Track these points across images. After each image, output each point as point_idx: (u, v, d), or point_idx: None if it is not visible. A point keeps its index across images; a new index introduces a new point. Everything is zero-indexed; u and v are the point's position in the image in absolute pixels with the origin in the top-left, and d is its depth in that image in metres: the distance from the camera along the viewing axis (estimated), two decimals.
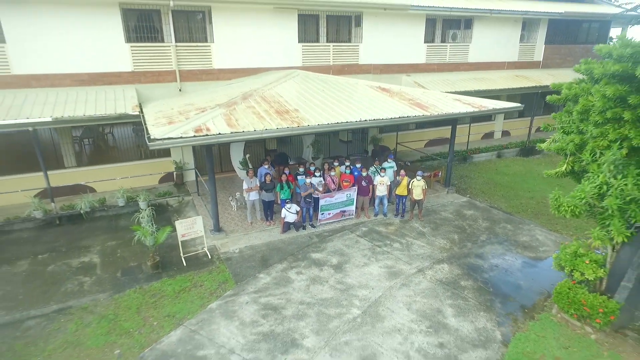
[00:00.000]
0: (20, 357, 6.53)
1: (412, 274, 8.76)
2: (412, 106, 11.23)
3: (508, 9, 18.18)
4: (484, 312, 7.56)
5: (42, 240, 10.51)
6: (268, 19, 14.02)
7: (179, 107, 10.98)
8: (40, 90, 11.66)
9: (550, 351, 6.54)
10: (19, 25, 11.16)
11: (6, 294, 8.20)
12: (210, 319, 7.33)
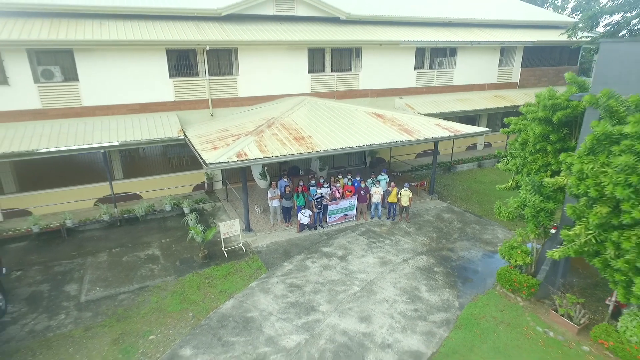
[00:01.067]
0: (125, 318, 9.44)
1: (398, 263, 11.68)
2: (401, 132, 14.16)
3: (487, 39, 21.13)
4: (449, 289, 10.48)
5: (111, 237, 13.42)
6: (283, 55, 16.93)
7: (216, 132, 13.89)
8: (104, 118, 14.56)
9: (490, 313, 9.46)
10: (88, 67, 14.06)
11: (98, 277, 11.11)
12: (252, 293, 10.25)
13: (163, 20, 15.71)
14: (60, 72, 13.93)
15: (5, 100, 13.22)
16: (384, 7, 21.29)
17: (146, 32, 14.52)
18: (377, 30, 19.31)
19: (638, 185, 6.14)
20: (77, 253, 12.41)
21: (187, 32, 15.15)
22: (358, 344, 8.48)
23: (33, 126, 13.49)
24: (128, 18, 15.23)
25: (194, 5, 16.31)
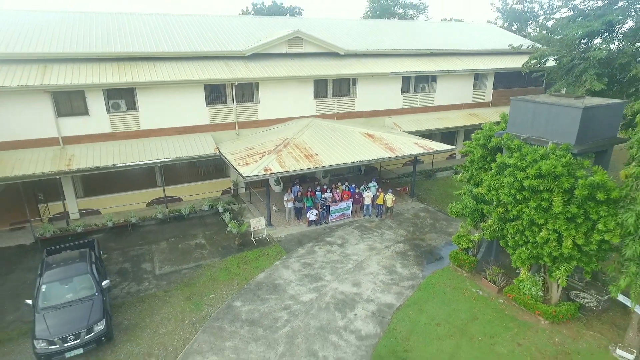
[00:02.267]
0: (190, 285, 13.65)
1: (382, 249, 15.91)
2: (386, 149, 18.39)
3: (463, 68, 25.36)
4: (417, 266, 14.70)
5: (165, 231, 17.65)
6: (294, 85, 21.14)
7: (244, 150, 18.10)
8: (157, 139, 18.76)
9: (442, 281, 13.67)
10: (145, 99, 18.28)
11: (164, 258, 15.33)
12: (276, 268, 14.47)
13: (201, 60, 19.96)
14: (125, 104, 18.15)
15: (86, 126, 17.46)
16: (376, 42, 25.55)
17: (189, 72, 18.77)
18: (370, 62, 23.57)
19: (515, 195, 10.37)
20: (144, 242, 16.65)
21: (220, 71, 19.40)
22: (351, 299, 12.70)
23: (106, 146, 17.72)
24: (174, 60, 19.48)
25: (224, 48, 20.60)
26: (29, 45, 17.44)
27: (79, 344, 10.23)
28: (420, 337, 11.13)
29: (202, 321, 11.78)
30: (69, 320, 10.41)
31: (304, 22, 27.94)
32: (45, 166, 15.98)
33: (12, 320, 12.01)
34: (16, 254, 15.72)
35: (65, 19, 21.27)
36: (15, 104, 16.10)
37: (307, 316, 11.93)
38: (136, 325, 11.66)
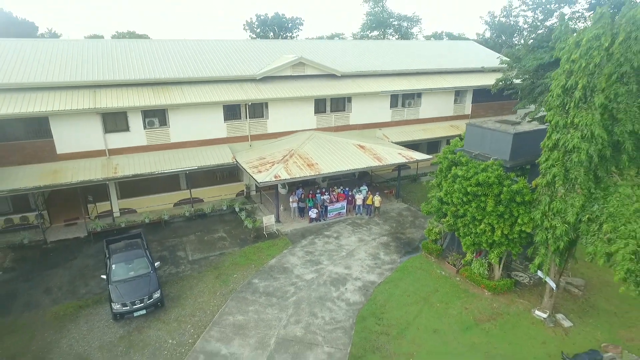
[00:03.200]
0: (217, 268, 17.42)
1: (369, 240, 19.69)
2: (374, 159, 22.17)
3: (444, 86, 29.12)
4: (396, 254, 18.48)
5: (192, 226, 21.43)
6: (298, 103, 24.90)
7: (256, 159, 21.86)
8: (184, 150, 22.53)
9: (415, 265, 17.45)
10: (175, 117, 22.05)
11: (194, 248, 19.12)
12: (284, 255, 18.25)
13: (220, 83, 23.74)
14: (158, 121, 21.94)
15: (127, 140, 21.26)
16: (368, 64, 29.33)
17: (210, 94, 22.56)
18: (363, 82, 27.34)
19: (463, 198, 14.14)
20: (175, 235, 20.45)
21: (236, 93, 23.19)
22: (343, 278, 16.49)
23: (143, 156, 21.51)
24: (199, 83, 23.27)
25: (239, 72, 24.39)
26: (81, 74, 21.25)
27: (142, 306, 14.02)
28: (394, 304, 14.92)
29: (230, 293, 15.57)
30: (135, 289, 14.20)
31: (305, 45, 31.73)
32: (97, 173, 19.76)
33: (84, 292, 15.80)
34: (74, 245, 19.52)
35: (105, 46, 25.04)
36: (73, 123, 19.89)
37: (309, 290, 15.72)
38: (180, 296, 15.44)
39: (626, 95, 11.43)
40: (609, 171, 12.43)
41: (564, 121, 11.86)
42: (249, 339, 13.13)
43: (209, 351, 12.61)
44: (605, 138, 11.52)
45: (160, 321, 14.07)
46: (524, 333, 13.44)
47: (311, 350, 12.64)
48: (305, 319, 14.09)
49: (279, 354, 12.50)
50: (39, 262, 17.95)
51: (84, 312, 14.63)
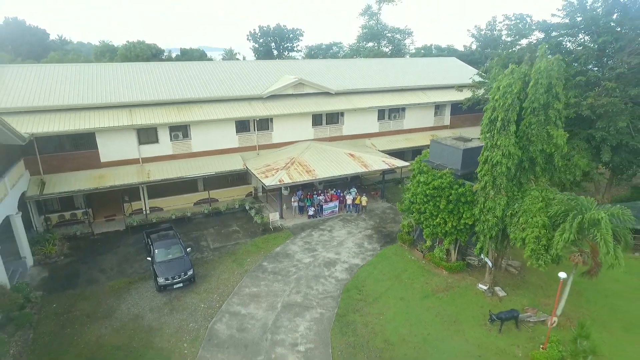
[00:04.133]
0: (233, 254, 21.86)
1: (356, 233, 24.13)
2: (362, 166, 26.59)
3: (425, 101, 33.55)
4: (377, 243, 22.92)
5: (210, 222, 25.86)
6: (298, 118, 29.29)
7: (263, 166, 26.27)
8: (203, 158, 26.92)
9: (392, 252, 21.89)
10: (195, 130, 26.47)
11: (214, 239, 23.55)
12: (287, 245, 22.70)
13: (232, 101, 28.15)
14: (182, 134, 26.36)
15: (157, 150, 25.68)
16: (359, 82, 33.77)
17: (225, 111, 26.97)
18: (354, 98, 31.78)
19: (424, 199, 18.58)
20: (197, 228, 24.88)
21: (246, 110, 27.60)
22: (334, 261, 20.92)
23: (170, 164, 25.92)
24: (215, 102, 27.68)
25: (248, 92, 28.82)
26: (119, 96, 25.68)
27: (179, 280, 18.43)
28: (372, 280, 19.35)
29: (245, 273, 19.99)
30: (174, 268, 18.62)
31: (304, 67, 36.16)
32: (133, 178, 24.18)
33: (131, 272, 20.21)
34: (116, 236, 23.95)
35: (137, 69, 29.44)
36: (114, 137, 24.31)
37: (307, 270, 20.16)
38: (206, 275, 19.86)
39: (537, 124, 15.90)
40: (528, 179, 16.92)
41: (490, 143, 16.31)
42: (261, 303, 17.58)
43: (232, 312, 17.05)
44: (519, 155, 15.99)
45: (193, 292, 18.50)
46: (468, 300, 17.89)
47: (308, 311, 17.08)
48: (304, 290, 18.53)
49: (284, 313, 16.94)
50: (90, 250, 22.40)
51: (133, 286, 19.05)
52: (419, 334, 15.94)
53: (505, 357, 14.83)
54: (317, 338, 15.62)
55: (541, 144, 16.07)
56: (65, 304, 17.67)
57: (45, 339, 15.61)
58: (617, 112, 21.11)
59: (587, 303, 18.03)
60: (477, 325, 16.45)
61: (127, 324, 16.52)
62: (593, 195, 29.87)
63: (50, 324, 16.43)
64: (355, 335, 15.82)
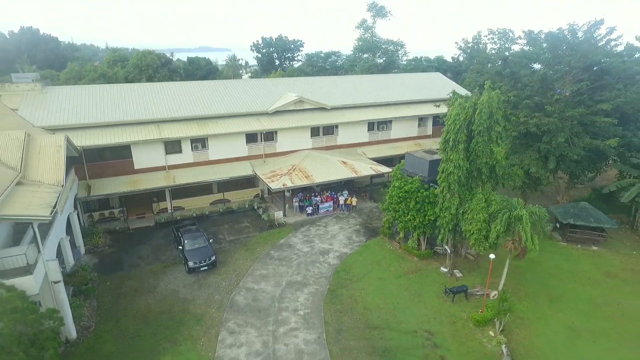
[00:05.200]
0: (246, 244, 26.82)
1: (347, 228, 29.09)
2: (352, 172, 31.54)
3: (409, 114, 38.47)
4: (363, 236, 27.87)
5: (225, 219, 30.83)
6: (298, 130, 34.22)
7: (269, 172, 31.21)
8: (219, 165, 31.86)
9: (375, 243, 26.83)
10: (212, 142, 31.42)
11: (229, 232, 28.51)
12: (289, 238, 27.65)
13: (242, 117, 33.10)
14: (201, 145, 31.32)
15: (180, 159, 30.64)
16: (351, 97, 38.70)
17: (237, 125, 31.92)
18: (347, 112, 36.71)
19: (398, 200, 23.53)
20: (214, 224, 29.84)
21: (254, 124, 32.54)
22: (327, 250, 25.87)
23: (191, 170, 30.87)
24: (228, 117, 32.63)
25: (256, 108, 33.77)
26: (149, 113, 30.63)
27: (205, 264, 23.39)
28: (357, 264, 24.28)
29: (256, 259, 24.92)
30: (200, 254, 23.57)
31: (304, 86, 41.10)
32: (161, 182, 29.14)
33: (165, 259, 25.15)
34: (147, 231, 28.90)
35: (163, 88, 34.39)
36: (145, 148, 29.26)
37: (305, 257, 25.10)
38: (225, 261, 24.79)
39: (482, 142, 20.81)
40: (477, 184, 21.86)
41: (445, 157, 21.24)
42: (270, 281, 22.53)
43: (247, 287, 22.01)
44: (468, 167, 20.93)
45: (216, 273, 23.44)
46: (431, 279, 22.83)
47: (306, 287, 22.03)
48: (303, 272, 23.48)
49: (288, 288, 21.90)
50: (128, 241, 27.35)
51: (168, 269, 24.01)
52: (391, 303, 20.88)
53: (453, 318, 19.78)
54: (312, 306, 20.56)
55: (485, 158, 21.02)
56: (116, 282, 22.65)
57: (106, 306, 20.58)
58: (556, 129, 26.02)
59: (525, 281, 22.99)
60: (436, 297, 21.40)
61: (167, 296, 21.48)
62: (555, 196, 35.00)
63: (107, 296, 21.41)
64: (342, 304, 20.78)
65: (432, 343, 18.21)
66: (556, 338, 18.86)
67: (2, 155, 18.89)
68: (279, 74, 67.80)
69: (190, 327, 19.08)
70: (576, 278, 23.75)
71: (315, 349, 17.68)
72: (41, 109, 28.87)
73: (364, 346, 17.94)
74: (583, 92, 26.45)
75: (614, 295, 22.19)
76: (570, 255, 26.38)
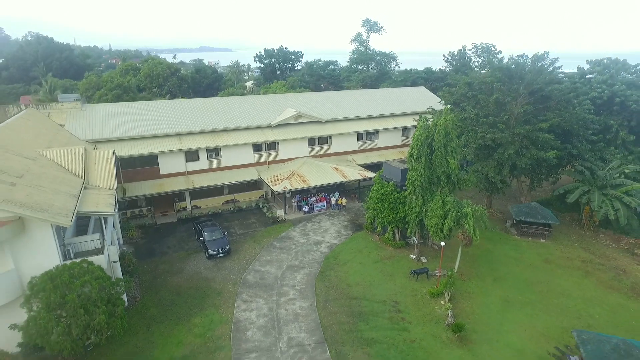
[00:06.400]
0: (253, 237, 32.71)
1: (337, 223, 34.97)
2: (342, 176, 37.40)
3: (394, 126, 44.30)
4: (350, 230, 33.75)
5: (235, 216, 36.73)
6: (297, 140, 40.06)
7: (272, 177, 37.07)
8: (230, 171, 37.76)
9: (359, 236, 32.69)
10: (225, 151, 37.29)
11: (239, 227, 34.40)
12: (289, 231, 33.55)
13: (250, 130, 38.98)
14: (215, 154, 37.21)
15: (198, 166, 36.55)
16: (343, 111, 44.56)
17: (245, 137, 37.81)
18: (339, 125, 42.56)
19: (376, 200, 29.40)
20: (227, 221, 35.73)
21: (259, 136, 38.42)
22: (320, 242, 31.75)
23: (207, 175, 36.76)
24: (237, 130, 38.51)
25: (261, 122, 39.66)
26: (172, 127, 36.53)
27: (222, 252, 29.29)
28: (344, 253, 30.15)
29: (262, 248, 30.80)
30: (218, 244, 29.47)
31: (302, 99, 46.98)
32: (182, 185, 35.03)
33: (188, 248, 31.05)
34: (171, 226, 34.80)
35: (183, 105, 40.28)
36: (169, 157, 35.14)
37: (302, 247, 30.99)
38: (237, 250, 30.67)
39: (440, 156, 26.63)
40: (437, 188, 27.70)
41: (411, 167, 27.08)
42: (273, 265, 28.41)
43: (255, 269, 27.89)
44: (429, 175, 26.76)
45: (230, 259, 29.32)
46: (402, 264, 28.68)
47: (302, 269, 27.90)
48: (300, 258, 29.36)
49: (288, 271, 27.77)
50: (156, 234, 33.25)
51: (191, 256, 29.89)
52: (368, 281, 26.74)
53: (415, 292, 25.63)
54: (307, 283, 26.43)
55: (442, 168, 26.83)
56: (152, 265, 28.55)
57: (146, 283, 26.48)
58: (507, 143, 31.82)
59: (477, 265, 28.83)
60: (404, 277, 27.24)
61: (193, 276, 27.37)
62: (518, 197, 40.72)
63: (146, 276, 27.31)
64: (330, 282, 26.65)
65: (396, 309, 24.08)
66: (492, 307, 24.70)
67: (69, 166, 24.75)
68: (281, 83, 73.73)
69: (213, 298, 24.97)
70: (519, 263, 29.57)
71: (308, 312, 23.56)
72: (82, 124, 34.82)
73: (345, 311, 23.81)
74: (529, 112, 32.25)
75: (546, 277, 28.01)
76: (519, 246, 32.21)
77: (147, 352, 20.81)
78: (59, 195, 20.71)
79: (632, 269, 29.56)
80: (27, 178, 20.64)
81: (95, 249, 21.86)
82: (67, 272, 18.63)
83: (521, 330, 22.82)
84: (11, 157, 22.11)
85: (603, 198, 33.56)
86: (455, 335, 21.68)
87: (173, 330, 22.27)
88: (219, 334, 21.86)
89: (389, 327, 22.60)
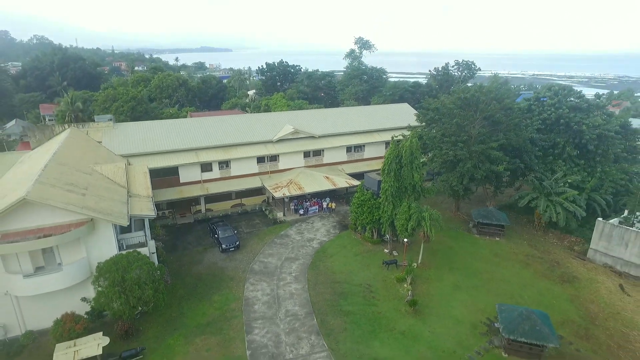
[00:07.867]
0: (258, 235, 39.76)
1: (327, 224, 42.03)
2: (332, 184, 44.44)
3: (378, 140, 51.35)
4: (339, 230, 40.80)
5: (242, 218, 43.80)
6: (294, 153, 47.09)
7: (274, 184, 44.11)
8: (237, 179, 44.80)
9: (344, 235, 39.73)
10: (233, 163, 44.36)
11: (246, 227, 41.47)
12: (287, 230, 40.61)
13: (254, 144, 46.05)
14: (225, 165, 44.26)
15: (211, 175, 43.63)
16: (334, 126, 51.64)
17: (250, 151, 44.89)
18: (331, 139, 49.63)
19: (357, 205, 36.48)
20: (235, 221, 42.78)
21: (262, 150, 45.50)
22: (312, 239, 38.82)
23: (218, 183, 43.83)
24: (244, 145, 45.58)
25: (263, 138, 46.74)
26: (189, 143, 43.60)
27: (233, 246, 36.37)
28: (331, 248, 37.20)
29: (265, 244, 37.85)
30: (229, 240, 36.55)
31: (299, 116, 54.07)
32: (198, 192, 42.10)
33: (205, 243, 38.12)
34: (189, 225, 41.86)
35: (197, 123, 47.30)
36: (187, 169, 42.20)
37: (298, 243, 38.07)
38: (245, 245, 37.72)
39: (407, 170, 33.71)
40: (405, 196, 34.78)
41: (384, 179, 34.13)
42: (274, 257, 35.48)
43: (260, 260, 34.96)
44: (398, 185, 33.82)
45: (240, 252, 36.38)
46: (377, 256, 35.71)
47: (297, 261, 34.97)
48: (295, 252, 36.43)
49: (286, 262, 34.84)
50: (178, 232, 40.32)
51: (207, 250, 36.96)
52: (349, 269, 33.79)
53: (385, 278, 32.66)
54: (300, 271, 33.49)
55: (409, 180, 33.87)
56: (177, 257, 35.62)
57: (174, 271, 33.53)
58: (466, 158, 38.86)
59: (438, 258, 35.86)
60: (377, 267, 34.28)
61: (210, 265, 34.44)
62: (484, 201, 47.75)
63: (173, 265, 34.38)
64: (319, 270, 33.71)
65: (369, 290, 31.11)
66: (445, 289, 31.73)
67: (116, 179, 31.79)
68: (280, 95, 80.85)
69: (227, 282, 32.03)
70: (473, 257, 36.61)
71: (300, 292, 30.63)
72: (116, 141, 41.92)
73: (329, 291, 30.86)
74: (484, 133, 39.33)
75: (493, 267, 35.05)
76: (476, 244, 39.25)
77: (180, 320, 27.87)
78: (114, 202, 27.79)
79: (565, 262, 36.62)
80: (90, 189, 27.73)
81: (139, 243, 28.90)
82: (125, 258, 25.69)
83: (464, 307, 29.85)
84: (76, 173, 29.20)
85: (548, 203, 40.61)
86: (411, 309, 28.71)
87: (198, 305, 29.34)
88: (234, 307, 28.92)
89: (363, 303, 29.66)
